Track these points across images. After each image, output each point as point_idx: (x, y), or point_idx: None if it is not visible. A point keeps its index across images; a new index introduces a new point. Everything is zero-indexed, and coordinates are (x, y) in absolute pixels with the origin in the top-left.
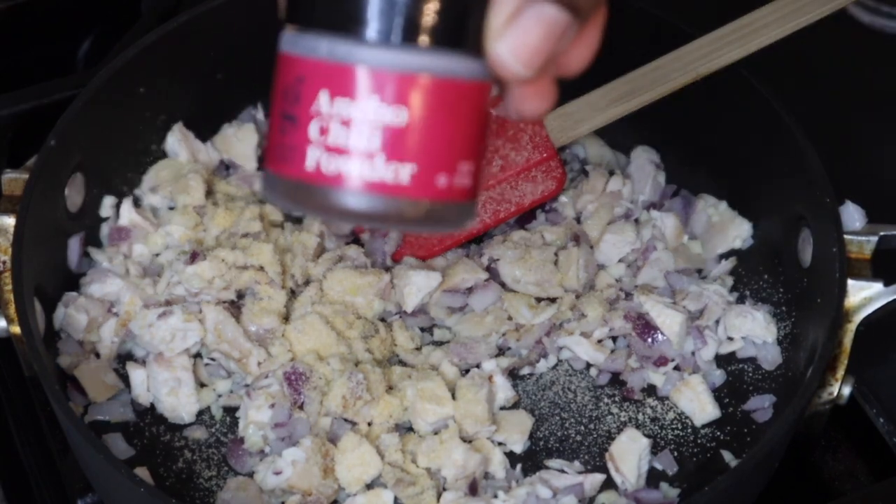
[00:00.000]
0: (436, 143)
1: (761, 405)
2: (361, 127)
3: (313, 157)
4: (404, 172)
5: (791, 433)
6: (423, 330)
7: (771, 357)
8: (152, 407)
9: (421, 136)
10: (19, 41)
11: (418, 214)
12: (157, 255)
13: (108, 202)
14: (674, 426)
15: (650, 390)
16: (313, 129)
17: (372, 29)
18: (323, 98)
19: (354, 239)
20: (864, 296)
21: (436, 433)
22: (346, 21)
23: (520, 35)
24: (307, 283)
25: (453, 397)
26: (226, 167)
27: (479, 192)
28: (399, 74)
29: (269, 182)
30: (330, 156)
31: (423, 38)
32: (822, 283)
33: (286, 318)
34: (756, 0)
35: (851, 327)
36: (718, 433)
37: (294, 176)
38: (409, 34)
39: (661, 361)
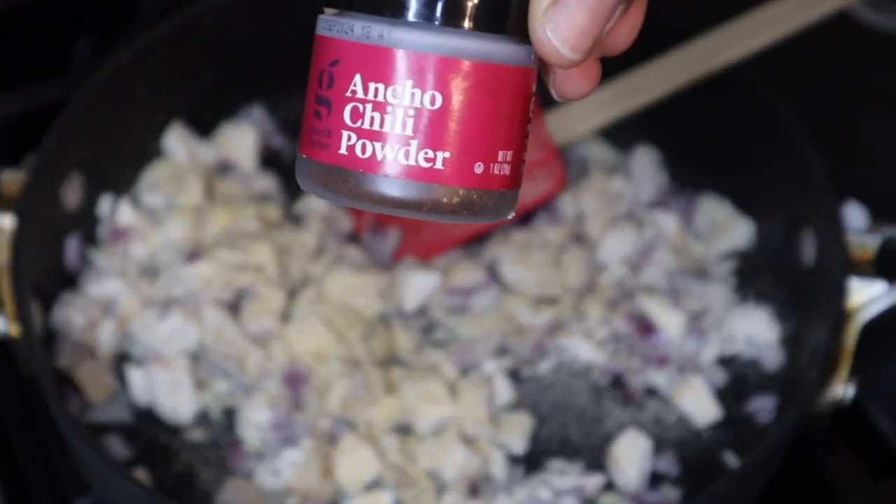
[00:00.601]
0: (473, 130)
1: (764, 406)
2: (396, 112)
3: (347, 142)
4: (439, 159)
5: (793, 434)
6: (423, 330)
7: (773, 358)
8: (151, 408)
9: (458, 123)
10: (18, 41)
11: (454, 203)
12: (156, 254)
13: (106, 202)
14: (675, 427)
15: (651, 391)
16: (347, 114)
17: (409, 11)
18: (357, 81)
19: (354, 239)
20: (867, 296)
21: (436, 434)
22: (384, 2)
23: (567, 17)
24: (307, 283)
25: (453, 398)
26: (225, 167)
27: (520, 182)
28: (436, 58)
29: (302, 167)
30: (364, 141)
31: (463, 22)
32: (825, 283)
33: (285, 319)
34: (756, 0)
35: (854, 327)
36: (720, 434)
37: (327, 161)
38: (448, 17)
39: (663, 362)
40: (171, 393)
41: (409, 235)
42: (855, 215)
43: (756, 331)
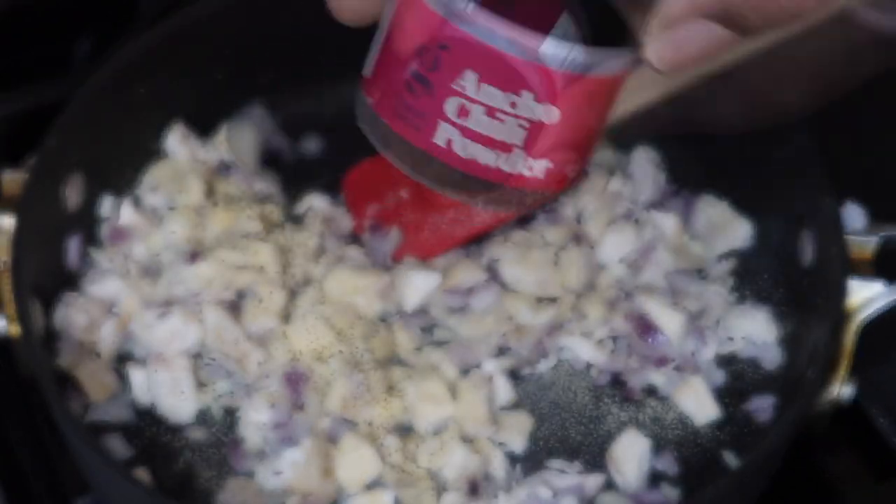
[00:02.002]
0: (576, 139)
1: (762, 406)
2: (507, 119)
3: (445, 134)
4: (539, 167)
5: (793, 434)
6: (423, 330)
7: (772, 357)
8: (152, 407)
9: (564, 134)
10: (18, 41)
11: (537, 201)
12: (157, 254)
13: (107, 202)
14: (675, 427)
15: (651, 391)
16: (451, 106)
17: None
18: (469, 78)
19: (354, 239)
20: (865, 296)
21: (436, 434)
22: None
23: (677, 45)
24: (307, 283)
25: (453, 398)
26: (226, 167)
27: None
28: (560, 73)
29: (379, 130)
30: (466, 141)
31: (591, 37)
32: (824, 283)
33: (286, 319)
34: None
35: (853, 327)
36: (720, 434)
37: (418, 144)
38: (577, 33)
39: (662, 362)
40: (171, 393)
41: (409, 235)
42: (855, 215)
43: (755, 331)
